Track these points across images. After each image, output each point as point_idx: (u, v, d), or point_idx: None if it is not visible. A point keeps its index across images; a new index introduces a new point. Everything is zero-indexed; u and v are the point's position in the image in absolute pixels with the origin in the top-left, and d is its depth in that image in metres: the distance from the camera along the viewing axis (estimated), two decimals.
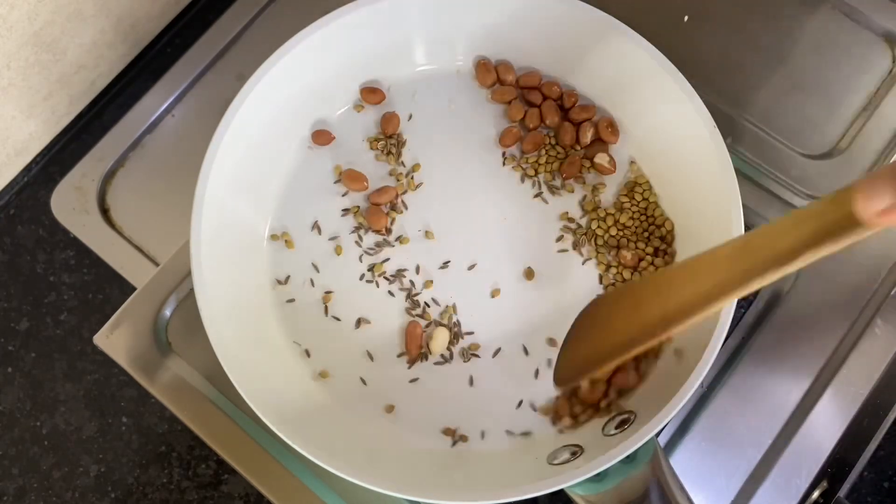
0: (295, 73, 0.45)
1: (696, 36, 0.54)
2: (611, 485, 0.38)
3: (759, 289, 0.30)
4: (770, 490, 0.45)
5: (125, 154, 0.54)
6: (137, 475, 0.49)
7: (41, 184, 0.54)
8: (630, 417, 0.40)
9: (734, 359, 0.48)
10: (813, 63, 0.53)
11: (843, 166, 0.51)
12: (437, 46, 0.49)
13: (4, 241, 0.53)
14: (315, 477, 0.43)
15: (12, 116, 0.51)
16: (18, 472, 0.49)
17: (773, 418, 0.46)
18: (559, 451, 0.40)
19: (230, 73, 0.56)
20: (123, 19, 0.54)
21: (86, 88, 0.55)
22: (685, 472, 0.45)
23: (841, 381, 0.47)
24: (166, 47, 0.57)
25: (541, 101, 0.49)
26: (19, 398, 0.50)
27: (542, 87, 0.49)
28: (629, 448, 0.37)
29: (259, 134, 0.45)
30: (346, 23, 0.45)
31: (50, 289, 0.52)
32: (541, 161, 0.48)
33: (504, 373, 0.44)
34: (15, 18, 0.46)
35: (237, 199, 0.45)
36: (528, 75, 0.49)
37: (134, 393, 0.50)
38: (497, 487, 0.38)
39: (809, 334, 0.48)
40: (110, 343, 0.46)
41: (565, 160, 0.48)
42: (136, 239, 0.52)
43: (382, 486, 0.38)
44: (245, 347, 0.42)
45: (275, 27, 0.57)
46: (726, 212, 0.41)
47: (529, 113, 0.48)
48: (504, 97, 0.49)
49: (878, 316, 0.48)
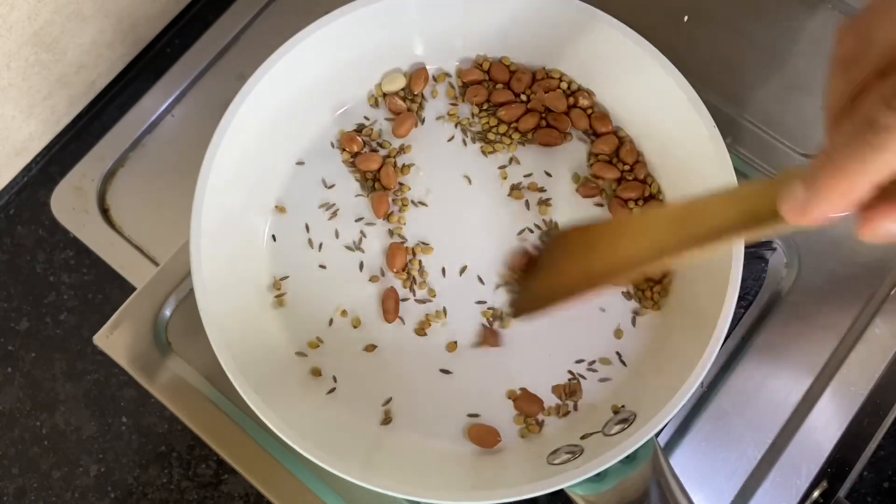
0: (295, 73, 0.45)
1: (696, 36, 0.54)
2: (611, 485, 0.38)
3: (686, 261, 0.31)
4: (770, 490, 0.45)
5: (125, 154, 0.54)
6: (137, 475, 0.49)
7: (41, 184, 0.54)
8: (630, 417, 0.40)
9: (734, 359, 0.48)
10: (813, 63, 0.53)
11: None
12: (437, 46, 0.49)
13: (4, 241, 0.53)
14: (315, 477, 0.44)
15: (12, 116, 0.51)
16: (18, 472, 0.49)
17: (773, 418, 0.46)
18: (559, 451, 0.40)
19: (230, 73, 0.56)
20: (123, 19, 0.54)
21: (86, 88, 0.55)
22: (685, 472, 0.45)
23: (841, 381, 0.47)
24: (166, 47, 0.57)
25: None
26: (19, 398, 0.50)
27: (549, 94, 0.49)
28: (629, 448, 0.37)
29: (259, 134, 0.45)
30: (347, 22, 0.45)
31: (50, 289, 0.52)
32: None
33: (504, 373, 0.44)
34: (15, 18, 0.46)
35: (237, 199, 0.45)
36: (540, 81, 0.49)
37: (134, 393, 0.50)
38: (497, 487, 0.38)
39: (809, 334, 0.48)
40: (110, 343, 0.46)
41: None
42: (136, 239, 0.52)
43: (382, 486, 0.38)
44: (245, 347, 0.42)
45: (275, 27, 0.57)
46: None
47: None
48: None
49: (878, 316, 0.48)
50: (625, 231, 0.36)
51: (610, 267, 0.35)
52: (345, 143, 0.48)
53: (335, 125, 0.49)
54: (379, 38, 0.47)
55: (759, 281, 0.49)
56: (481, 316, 0.45)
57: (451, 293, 0.46)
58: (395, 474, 0.39)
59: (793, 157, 0.51)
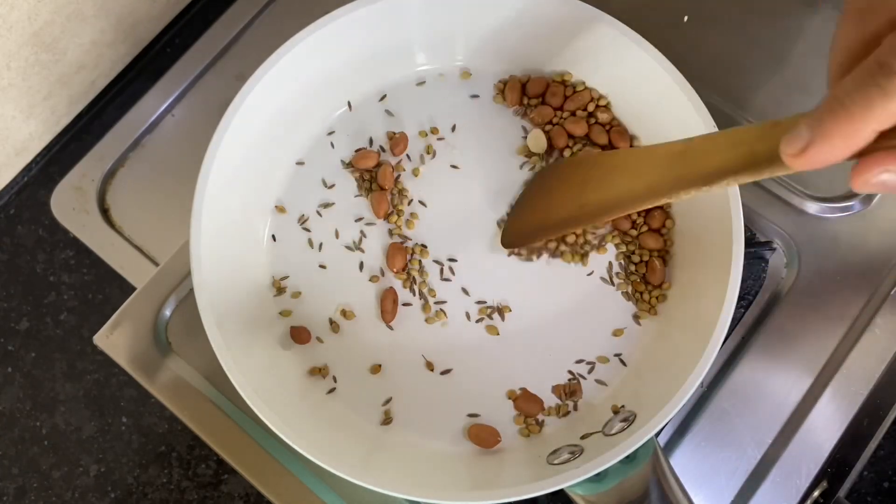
0: (295, 73, 0.45)
1: (696, 36, 0.54)
2: (611, 485, 0.38)
3: (677, 200, 0.31)
4: (770, 490, 0.45)
5: (125, 154, 0.54)
6: (137, 475, 0.49)
7: (41, 184, 0.54)
8: (630, 417, 0.40)
9: (734, 359, 0.48)
10: (813, 63, 0.53)
11: (842, 166, 0.51)
12: (437, 46, 0.49)
13: (4, 241, 0.53)
14: (315, 477, 0.44)
15: (12, 116, 0.51)
16: (18, 472, 0.49)
17: (773, 418, 0.46)
18: (559, 451, 0.40)
19: (230, 73, 0.56)
20: (123, 19, 0.54)
21: (86, 88, 0.55)
22: (685, 472, 0.45)
23: (841, 381, 0.47)
24: (166, 47, 0.57)
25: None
26: (19, 398, 0.50)
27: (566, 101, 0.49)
28: (629, 448, 0.37)
29: (259, 134, 0.45)
30: (346, 23, 0.45)
31: (50, 289, 0.52)
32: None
33: (504, 373, 0.44)
34: (15, 18, 0.46)
35: (237, 199, 0.45)
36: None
37: (134, 393, 0.50)
38: (497, 487, 0.38)
39: (809, 334, 0.48)
40: (110, 343, 0.46)
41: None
42: (136, 239, 0.52)
43: (382, 486, 0.38)
44: (245, 347, 0.42)
45: (275, 27, 0.57)
46: (726, 211, 0.41)
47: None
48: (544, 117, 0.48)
49: (878, 316, 0.48)
50: (620, 166, 0.35)
51: (603, 202, 0.35)
52: (357, 162, 0.48)
53: (335, 125, 0.49)
54: (379, 38, 0.47)
55: (759, 281, 0.49)
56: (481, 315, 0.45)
57: (451, 293, 0.46)
58: (395, 474, 0.39)
59: None
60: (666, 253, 0.46)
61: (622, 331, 0.45)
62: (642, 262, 0.46)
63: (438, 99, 0.49)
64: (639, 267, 0.46)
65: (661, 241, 0.46)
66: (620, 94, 0.48)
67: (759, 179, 0.29)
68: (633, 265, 0.46)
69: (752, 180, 0.29)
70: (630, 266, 0.46)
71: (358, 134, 0.49)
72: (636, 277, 0.46)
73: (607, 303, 0.45)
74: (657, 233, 0.46)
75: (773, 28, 0.54)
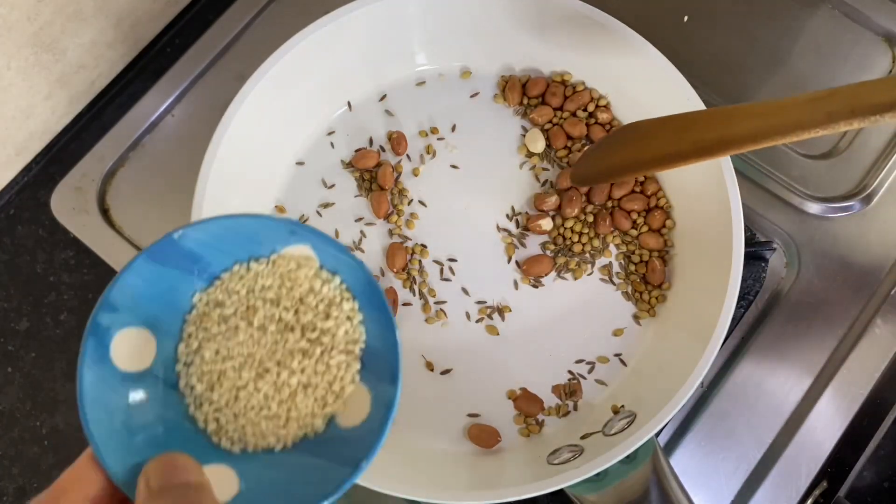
0: (295, 73, 0.45)
1: (696, 36, 0.54)
2: (611, 485, 0.38)
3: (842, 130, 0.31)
4: (770, 490, 0.45)
5: (125, 154, 0.54)
6: None
7: (41, 184, 0.54)
8: (630, 417, 0.40)
9: (734, 359, 0.48)
10: (813, 63, 0.53)
11: (842, 166, 0.51)
12: (437, 46, 0.49)
13: (4, 241, 0.53)
14: None
15: (12, 116, 0.51)
16: (18, 472, 0.49)
17: (773, 418, 0.46)
18: (559, 451, 0.40)
19: (230, 73, 0.56)
20: (123, 19, 0.54)
21: (86, 88, 0.55)
22: (685, 472, 0.45)
23: (841, 381, 0.47)
24: (166, 47, 0.57)
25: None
26: (19, 398, 0.50)
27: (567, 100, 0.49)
28: (629, 448, 0.37)
29: (259, 134, 0.45)
30: (346, 23, 0.45)
31: (50, 289, 0.52)
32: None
33: (504, 373, 0.44)
34: (15, 18, 0.46)
35: (237, 199, 0.45)
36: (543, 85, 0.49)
37: None
38: (497, 487, 0.38)
39: (809, 334, 0.48)
40: None
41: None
42: (136, 239, 0.52)
43: (382, 486, 0.38)
44: None
45: (275, 27, 0.56)
46: (726, 211, 0.41)
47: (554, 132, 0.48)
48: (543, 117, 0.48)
49: (878, 316, 0.48)
50: (750, 110, 0.35)
51: (730, 136, 0.35)
52: (357, 162, 0.48)
53: (335, 125, 0.49)
54: (379, 38, 0.47)
55: (759, 281, 0.49)
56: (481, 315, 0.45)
57: (451, 293, 0.46)
58: (395, 474, 0.39)
59: (793, 157, 0.51)
60: (666, 253, 0.46)
61: (622, 331, 0.45)
62: (642, 263, 0.46)
63: (438, 99, 0.49)
64: (639, 267, 0.46)
65: (661, 241, 0.46)
66: (620, 94, 0.48)
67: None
68: (633, 265, 0.46)
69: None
70: (630, 266, 0.46)
71: (358, 134, 0.49)
72: (636, 277, 0.46)
73: (607, 303, 0.45)
74: (657, 233, 0.46)
75: (773, 28, 0.54)
